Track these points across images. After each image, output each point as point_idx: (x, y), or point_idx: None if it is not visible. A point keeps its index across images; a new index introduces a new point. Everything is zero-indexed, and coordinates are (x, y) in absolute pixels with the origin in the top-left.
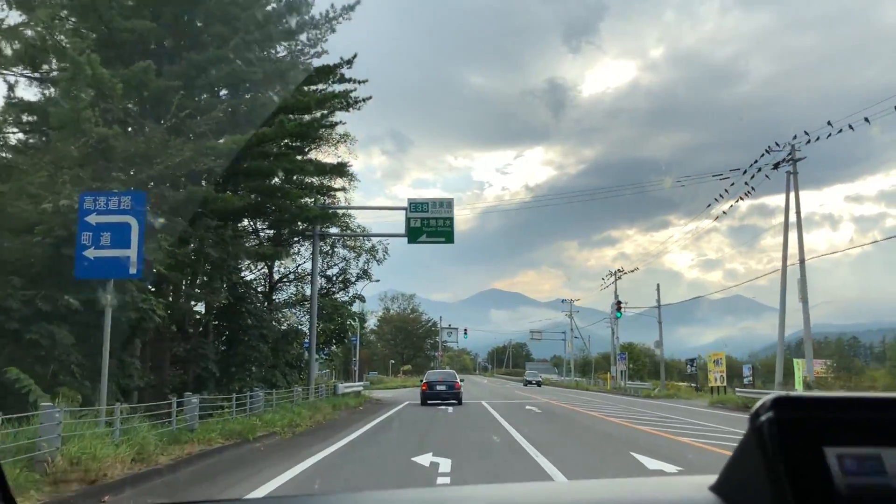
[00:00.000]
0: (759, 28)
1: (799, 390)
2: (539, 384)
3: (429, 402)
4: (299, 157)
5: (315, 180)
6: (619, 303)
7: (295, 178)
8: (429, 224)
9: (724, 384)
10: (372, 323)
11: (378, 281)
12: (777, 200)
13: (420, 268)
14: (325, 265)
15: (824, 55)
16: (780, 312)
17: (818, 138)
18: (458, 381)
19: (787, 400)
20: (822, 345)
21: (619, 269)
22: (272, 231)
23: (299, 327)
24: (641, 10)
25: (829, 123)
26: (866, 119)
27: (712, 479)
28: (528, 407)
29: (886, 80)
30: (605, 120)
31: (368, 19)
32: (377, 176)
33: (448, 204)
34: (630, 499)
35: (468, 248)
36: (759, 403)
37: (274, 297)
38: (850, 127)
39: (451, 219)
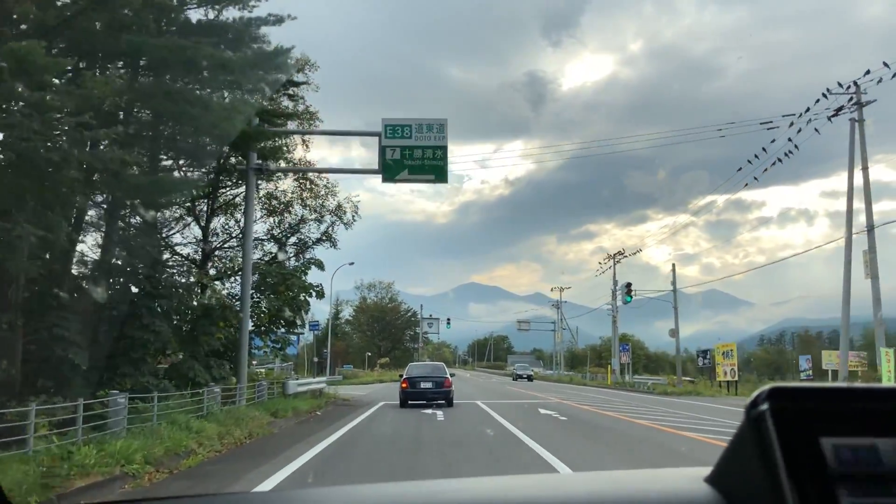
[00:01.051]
0: (735, 23)
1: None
2: (530, 378)
3: (410, 402)
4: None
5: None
6: (628, 286)
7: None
8: (412, 155)
9: (736, 378)
10: (347, 313)
11: (352, 264)
12: (753, 196)
13: (397, 261)
14: (276, 225)
15: (800, 51)
16: (845, 291)
17: (881, 80)
18: (448, 376)
19: (782, 390)
20: (803, 338)
21: (619, 252)
22: (187, 163)
23: (235, 303)
24: (622, 4)
25: (885, 65)
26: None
27: (707, 470)
28: (542, 411)
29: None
30: (583, 113)
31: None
32: (356, 167)
33: (440, 127)
34: (624, 491)
35: (447, 242)
36: (754, 394)
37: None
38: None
39: (444, 148)
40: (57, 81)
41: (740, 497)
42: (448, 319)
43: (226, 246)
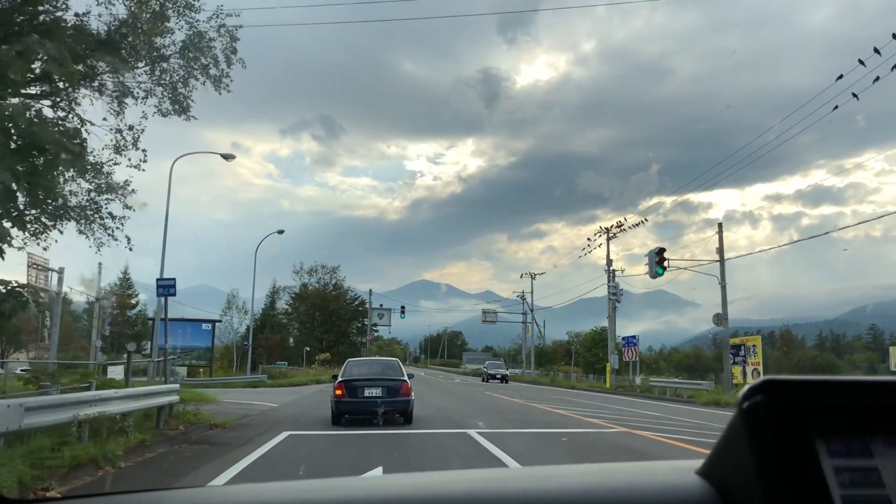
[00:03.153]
0: (686, 27)
1: None
2: (505, 379)
3: (346, 416)
4: None
5: None
6: (660, 252)
7: None
8: None
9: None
10: (284, 301)
11: (282, 232)
12: (700, 198)
13: (348, 258)
14: None
15: (747, 56)
16: None
17: None
18: (406, 378)
19: (775, 383)
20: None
21: (618, 223)
22: None
23: None
24: (575, 1)
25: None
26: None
27: (698, 463)
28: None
29: (804, 84)
30: (536, 112)
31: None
32: (306, 162)
33: None
34: (615, 484)
35: (398, 238)
36: (746, 387)
37: None
38: None
39: None
40: None
41: (732, 490)
42: (403, 308)
43: None
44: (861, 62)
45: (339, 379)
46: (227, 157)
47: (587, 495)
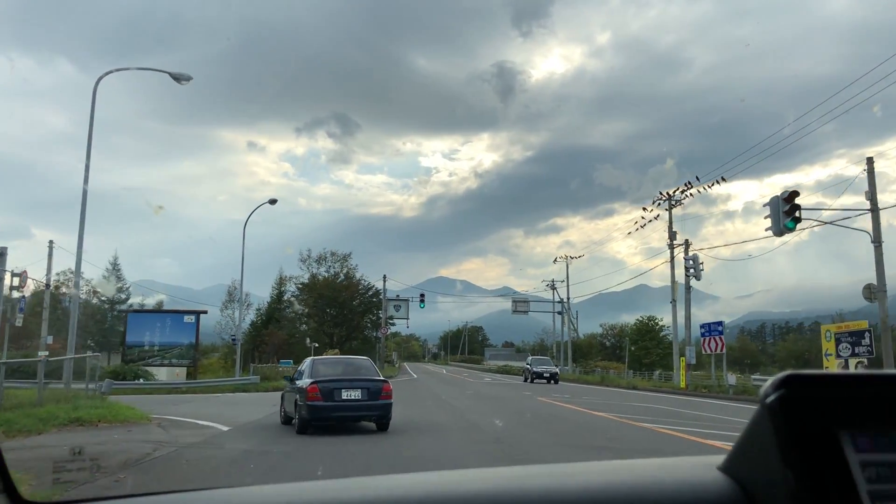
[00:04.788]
0: (701, 16)
1: None
2: (555, 379)
3: (315, 423)
4: None
5: None
6: (791, 198)
7: None
8: None
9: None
10: (292, 291)
11: (274, 202)
12: (719, 189)
13: (363, 256)
14: None
15: (763, 45)
16: None
17: None
18: (384, 379)
19: (798, 378)
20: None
21: (686, 184)
22: None
23: None
24: None
25: None
26: None
27: (720, 459)
28: None
29: (820, 72)
30: (551, 106)
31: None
32: (322, 161)
33: None
34: (636, 480)
35: (414, 235)
36: (769, 382)
37: None
38: None
39: None
40: None
41: (755, 485)
42: (422, 296)
43: None
44: None
45: (310, 380)
46: (177, 77)
47: (608, 492)
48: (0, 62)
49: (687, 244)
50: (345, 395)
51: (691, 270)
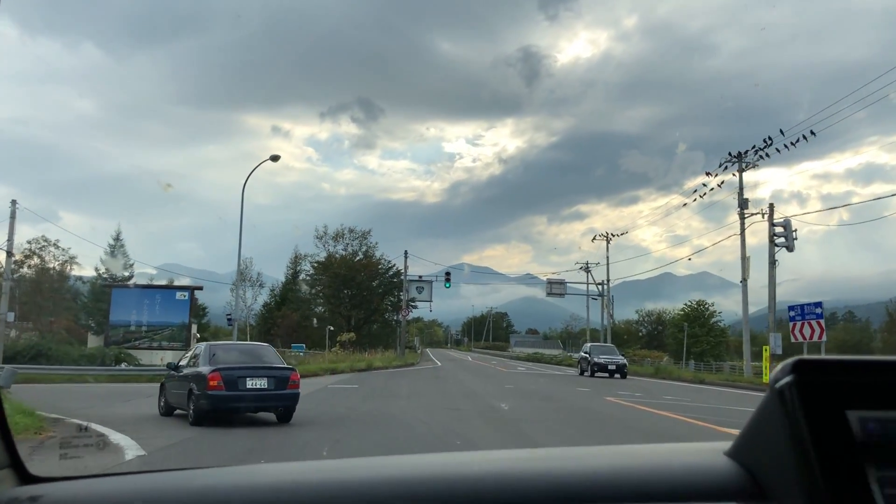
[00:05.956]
0: (730, 0)
1: None
2: (623, 373)
3: (216, 414)
4: None
5: None
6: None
7: None
8: None
9: None
10: (307, 270)
11: (277, 158)
12: (746, 177)
13: (386, 242)
14: None
15: (794, 29)
16: None
17: None
18: (292, 367)
19: (808, 363)
20: (784, 323)
21: (766, 140)
22: None
23: None
24: None
25: None
26: None
27: (727, 445)
28: None
29: (853, 57)
30: (577, 91)
31: None
32: (345, 146)
33: None
34: (642, 465)
35: (437, 222)
36: (779, 367)
37: None
38: None
39: None
40: None
41: (762, 470)
42: (448, 276)
43: None
44: None
45: (210, 368)
46: None
47: (614, 476)
48: (29, 46)
49: (771, 209)
50: (250, 384)
51: (781, 240)
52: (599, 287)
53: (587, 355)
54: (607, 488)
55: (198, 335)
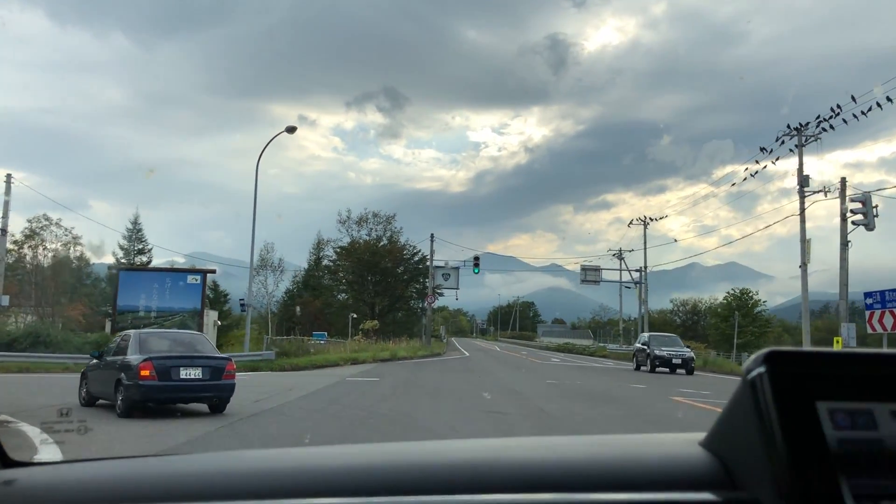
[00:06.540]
0: None
1: None
2: (689, 368)
3: (147, 405)
4: None
5: None
6: None
7: None
8: None
9: None
10: (329, 256)
11: (294, 130)
12: (776, 166)
13: (411, 231)
14: None
15: (825, 16)
16: None
17: None
18: (227, 357)
19: (779, 354)
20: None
21: (836, 107)
22: None
23: None
24: None
25: None
26: None
27: (702, 435)
28: None
29: (888, 44)
30: (604, 79)
31: None
32: (371, 135)
33: None
34: (618, 455)
35: (462, 211)
36: (751, 358)
37: None
38: None
39: None
40: None
41: (735, 460)
42: (476, 260)
43: None
44: None
45: (144, 356)
46: None
47: (590, 465)
48: (59, 37)
49: (843, 184)
50: (184, 373)
51: (857, 217)
52: (632, 274)
53: (645, 347)
54: (582, 477)
55: (218, 322)
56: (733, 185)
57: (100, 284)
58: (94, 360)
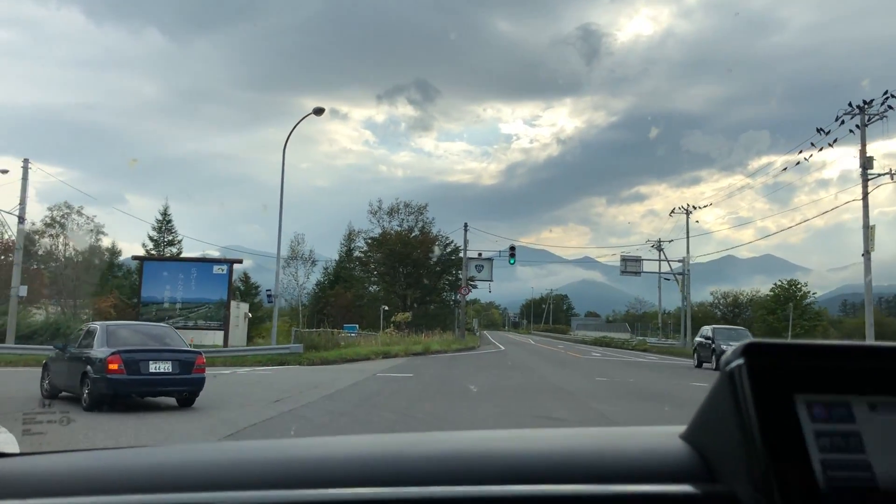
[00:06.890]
0: None
1: None
2: None
3: (114, 399)
4: None
5: None
6: None
7: None
8: None
9: None
10: (360, 247)
11: (321, 112)
12: (814, 157)
13: (442, 224)
14: None
15: (867, 2)
16: None
17: None
18: (197, 351)
19: (758, 346)
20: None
21: None
22: None
23: None
24: None
25: None
26: None
27: (682, 428)
28: None
29: None
30: (638, 69)
31: None
32: (402, 128)
33: None
34: (598, 448)
35: (493, 204)
36: (730, 350)
37: None
38: None
39: None
40: None
41: (714, 452)
42: (512, 250)
43: None
44: None
45: (112, 349)
46: None
47: (570, 458)
48: (94, 34)
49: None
50: (153, 367)
51: None
52: (671, 266)
53: (709, 341)
54: (561, 469)
55: (249, 314)
56: (785, 169)
57: (131, 276)
58: (58, 352)
